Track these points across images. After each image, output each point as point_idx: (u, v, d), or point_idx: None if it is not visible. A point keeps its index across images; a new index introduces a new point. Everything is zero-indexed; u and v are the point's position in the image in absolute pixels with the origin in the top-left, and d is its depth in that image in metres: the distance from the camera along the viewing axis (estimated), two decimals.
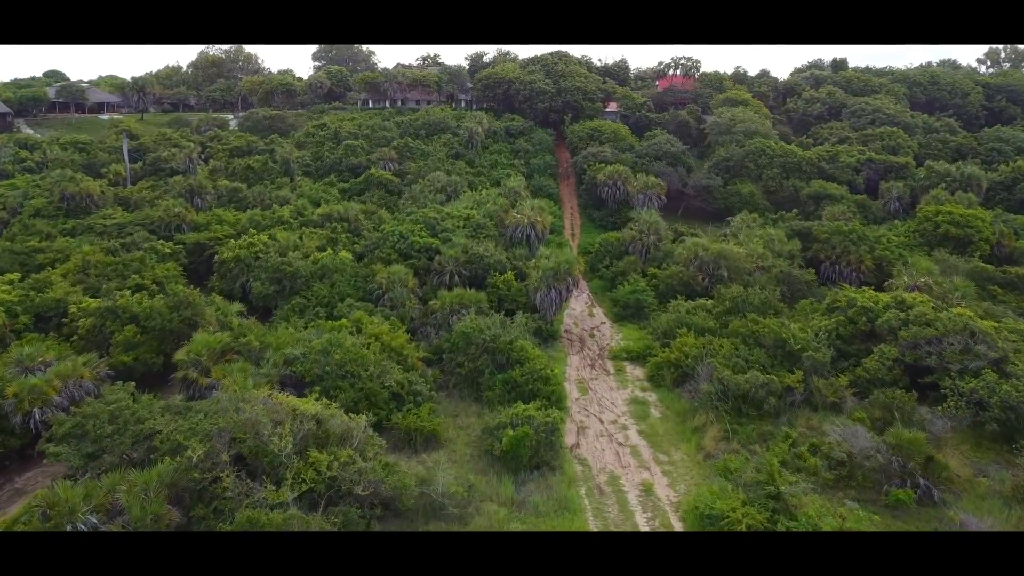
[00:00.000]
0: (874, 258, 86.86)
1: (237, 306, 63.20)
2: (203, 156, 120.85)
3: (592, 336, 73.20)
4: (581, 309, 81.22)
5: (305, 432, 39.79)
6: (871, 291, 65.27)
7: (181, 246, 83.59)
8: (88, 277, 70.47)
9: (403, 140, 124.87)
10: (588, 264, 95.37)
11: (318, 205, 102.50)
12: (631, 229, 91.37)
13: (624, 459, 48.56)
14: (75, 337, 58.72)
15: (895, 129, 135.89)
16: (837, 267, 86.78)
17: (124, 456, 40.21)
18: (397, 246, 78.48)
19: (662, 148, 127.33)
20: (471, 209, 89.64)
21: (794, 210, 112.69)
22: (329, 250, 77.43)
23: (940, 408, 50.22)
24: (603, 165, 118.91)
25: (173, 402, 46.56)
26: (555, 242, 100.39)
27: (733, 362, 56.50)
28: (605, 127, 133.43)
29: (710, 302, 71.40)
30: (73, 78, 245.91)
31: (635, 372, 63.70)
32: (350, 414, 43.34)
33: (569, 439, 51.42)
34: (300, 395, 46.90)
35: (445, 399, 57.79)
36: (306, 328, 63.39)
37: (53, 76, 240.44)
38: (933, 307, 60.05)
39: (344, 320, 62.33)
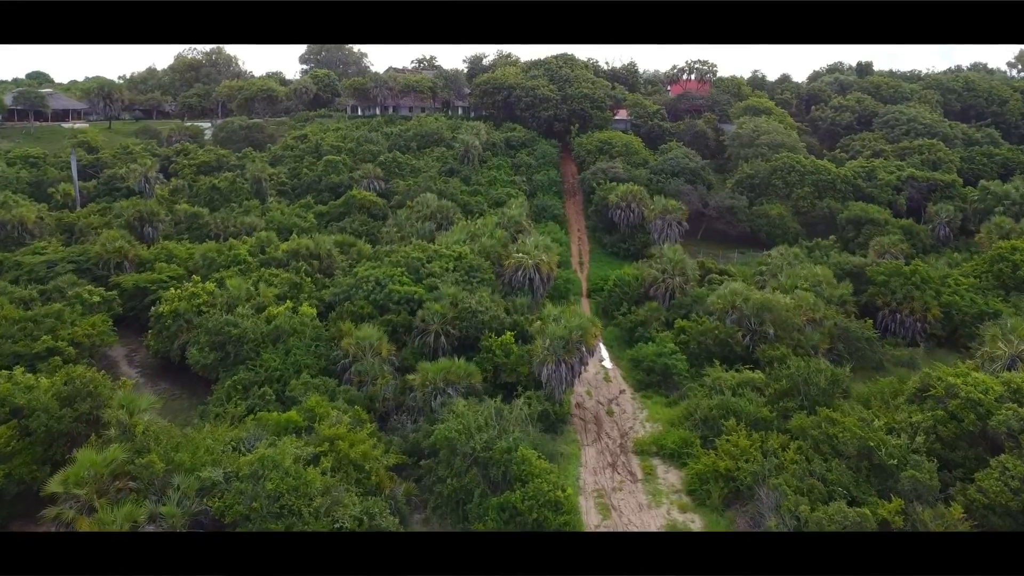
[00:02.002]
0: (941, 305, 71.31)
1: (148, 399, 47.59)
2: (168, 172, 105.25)
3: (611, 413, 57.67)
4: (595, 370, 65.67)
5: None
6: (972, 371, 49.60)
7: (116, 291, 68.24)
8: None
9: (391, 155, 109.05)
10: (600, 306, 79.78)
11: (290, 233, 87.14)
12: (652, 267, 75.68)
13: None
14: None
15: (934, 141, 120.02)
16: (898, 316, 71.25)
17: None
18: (372, 296, 62.95)
19: (679, 164, 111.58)
20: (464, 244, 74.05)
21: (831, 237, 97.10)
22: (289, 302, 61.83)
23: None
24: (614, 184, 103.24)
25: None
26: (562, 277, 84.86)
27: (807, 484, 41.06)
28: (616, 139, 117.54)
29: (758, 375, 55.80)
30: (58, 80, 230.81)
31: (670, 478, 48.12)
32: None
33: None
34: None
35: (421, 524, 42.53)
36: (248, 417, 48.15)
37: (37, 78, 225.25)
38: None
39: (293, 413, 46.91)
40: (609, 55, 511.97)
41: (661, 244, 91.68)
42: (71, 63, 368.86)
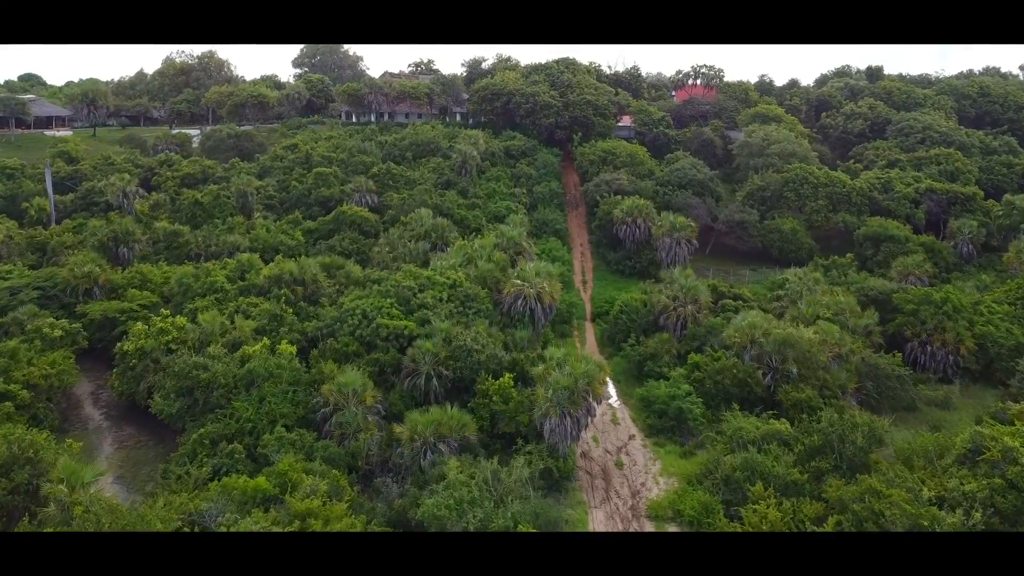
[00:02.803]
0: (975, 336, 65.36)
1: (93, 470, 41.51)
2: (150, 185, 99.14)
3: (620, 465, 51.63)
4: (602, 410, 59.52)
5: None
6: None
7: (83, 321, 62.30)
8: None
9: (385, 165, 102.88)
10: (606, 333, 73.78)
11: (276, 253, 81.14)
12: (662, 293, 69.59)
13: None
14: None
15: (951, 151, 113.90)
16: (928, 348, 65.27)
17: None
18: (358, 331, 56.96)
19: (687, 175, 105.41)
20: (460, 269, 68.01)
21: (848, 255, 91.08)
22: (266, 340, 55.80)
23: None
24: (619, 198, 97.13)
25: None
26: (565, 300, 78.85)
27: None
28: (620, 149, 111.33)
29: (784, 425, 49.70)
30: (51, 82, 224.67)
31: None
32: None
33: None
34: None
35: None
36: (213, 482, 42.20)
37: (29, 80, 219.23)
38: None
39: (262, 479, 40.92)
40: (611, 57, 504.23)
41: (669, 264, 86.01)
42: (65, 65, 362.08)
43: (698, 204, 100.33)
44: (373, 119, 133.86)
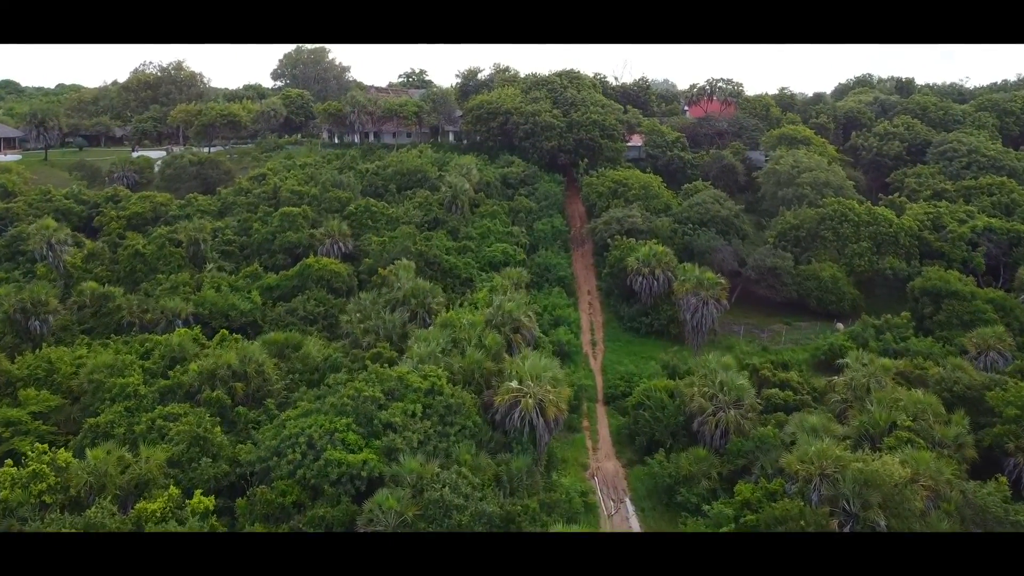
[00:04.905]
0: None
1: None
2: (91, 227, 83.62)
3: None
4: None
5: None
6: None
7: None
8: None
9: (364, 201, 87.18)
10: (624, 429, 58.29)
11: (226, 320, 65.83)
12: (693, 387, 53.93)
13: None
14: None
15: (1004, 179, 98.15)
16: None
17: None
18: (301, 470, 41.52)
19: (709, 210, 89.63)
20: (442, 359, 52.52)
21: (904, 313, 75.55)
22: (173, 490, 40.19)
23: None
24: (632, 242, 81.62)
25: None
26: (570, 378, 63.55)
27: None
28: (632, 179, 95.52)
29: None
30: (24, 84, 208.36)
31: None
32: None
33: None
34: None
35: None
36: None
37: (6, 87, 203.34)
38: None
39: None
40: (614, 62, 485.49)
41: (695, 326, 70.76)
42: (53, 69, 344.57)
43: (723, 247, 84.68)
44: (357, 140, 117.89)
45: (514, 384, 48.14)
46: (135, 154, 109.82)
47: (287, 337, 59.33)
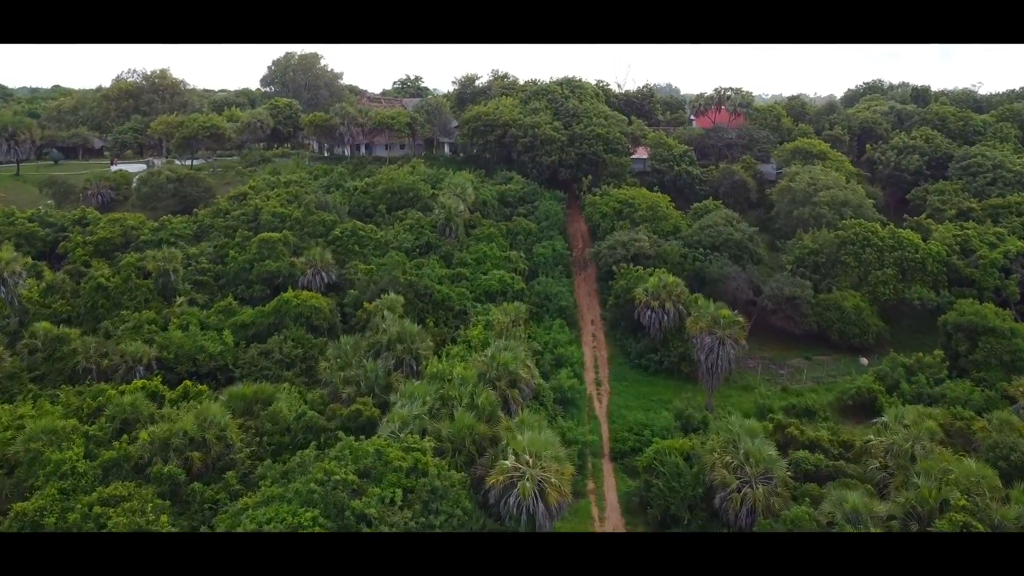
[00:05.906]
0: None
1: None
2: (55, 255, 76.51)
3: None
4: None
5: None
6: None
7: None
8: None
9: (350, 224, 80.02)
10: (634, 496, 51.15)
11: (193, 365, 58.92)
12: (714, 454, 46.83)
13: None
14: None
15: None
16: None
17: None
18: None
19: (721, 233, 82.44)
20: (427, 422, 45.46)
21: (937, 351, 68.35)
22: None
23: None
24: (640, 270, 74.61)
25: None
26: (572, 430, 56.65)
27: None
28: (638, 199, 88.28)
29: None
30: (14, 86, 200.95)
31: None
32: None
33: None
34: None
35: None
36: None
37: None
38: None
39: None
40: (616, 67, 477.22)
41: (709, 368, 63.50)
42: (49, 70, 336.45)
43: (737, 274, 77.55)
44: (347, 152, 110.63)
45: (510, 463, 41.02)
46: (114, 168, 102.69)
47: (256, 390, 52.12)
